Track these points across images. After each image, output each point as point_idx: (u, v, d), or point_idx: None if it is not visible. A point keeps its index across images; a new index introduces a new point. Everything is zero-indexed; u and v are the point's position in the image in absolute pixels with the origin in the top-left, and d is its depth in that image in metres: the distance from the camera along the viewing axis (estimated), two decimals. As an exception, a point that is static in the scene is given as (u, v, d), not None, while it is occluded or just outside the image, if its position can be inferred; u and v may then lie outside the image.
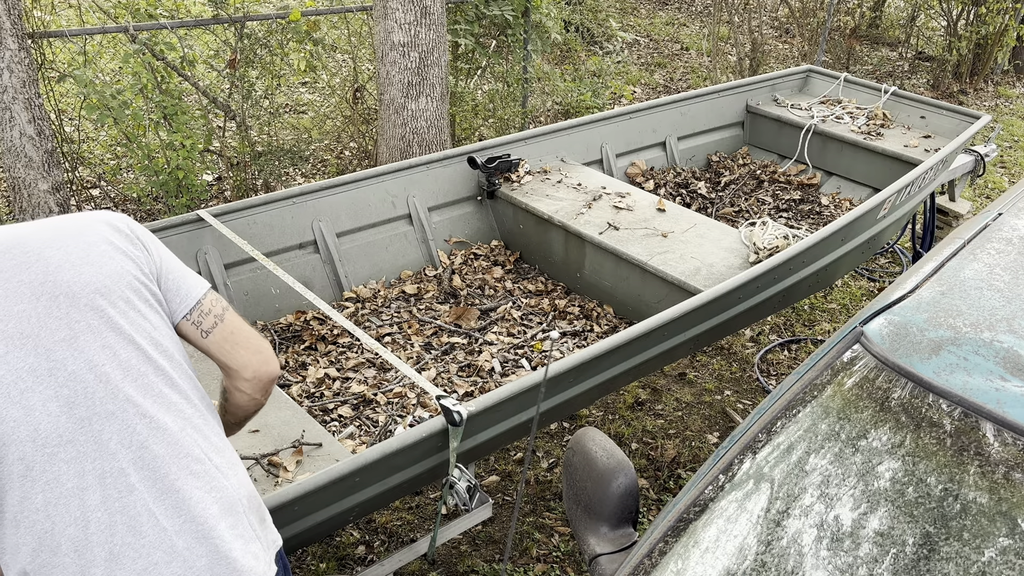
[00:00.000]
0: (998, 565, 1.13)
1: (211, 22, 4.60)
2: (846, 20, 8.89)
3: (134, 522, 1.31)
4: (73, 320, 1.29)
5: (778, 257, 3.01)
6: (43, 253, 1.31)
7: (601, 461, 1.61)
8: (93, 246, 1.35)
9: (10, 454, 1.25)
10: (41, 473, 1.26)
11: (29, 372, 1.26)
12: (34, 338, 1.27)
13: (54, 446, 1.27)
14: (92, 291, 1.32)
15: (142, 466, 1.32)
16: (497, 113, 6.11)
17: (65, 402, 1.27)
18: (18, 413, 1.25)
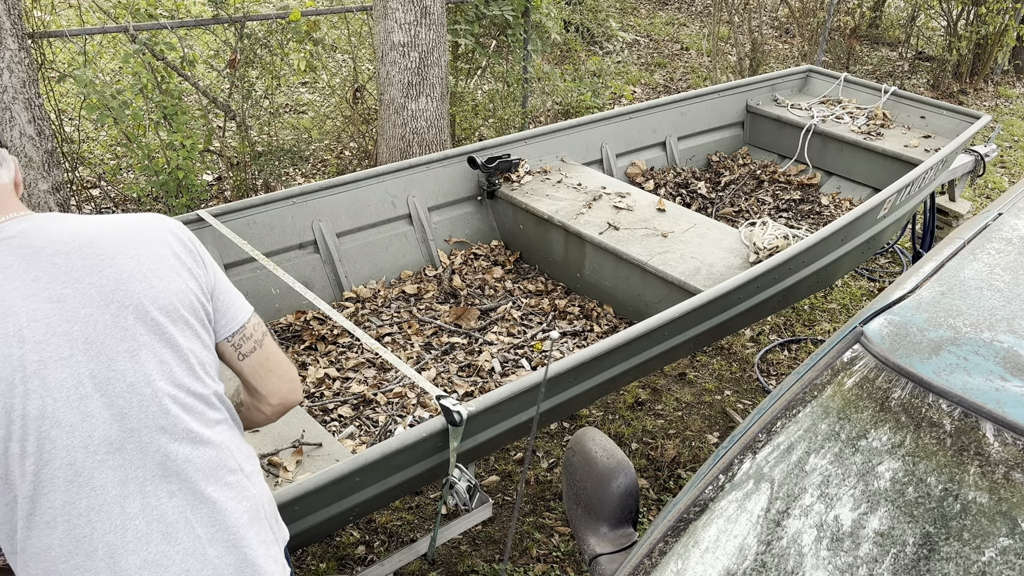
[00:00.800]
0: (998, 565, 1.13)
1: (211, 22, 4.60)
2: (846, 20, 8.90)
3: (170, 530, 1.33)
4: (138, 333, 1.31)
5: (778, 257, 3.01)
6: (116, 259, 1.33)
7: (601, 461, 1.61)
8: (164, 259, 1.38)
9: (58, 458, 1.25)
10: (88, 479, 1.28)
11: (90, 378, 1.27)
12: (99, 345, 1.28)
13: (104, 453, 1.28)
14: (159, 307, 1.34)
15: (183, 477, 1.34)
16: (497, 113, 6.11)
17: (119, 412, 1.29)
18: (75, 418, 1.26)
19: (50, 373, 1.24)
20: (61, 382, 1.25)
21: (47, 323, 1.25)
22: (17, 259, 1.26)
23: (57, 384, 1.25)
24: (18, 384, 1.22)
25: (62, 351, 1.25)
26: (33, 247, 1.28)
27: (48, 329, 1.25)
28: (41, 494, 1.25)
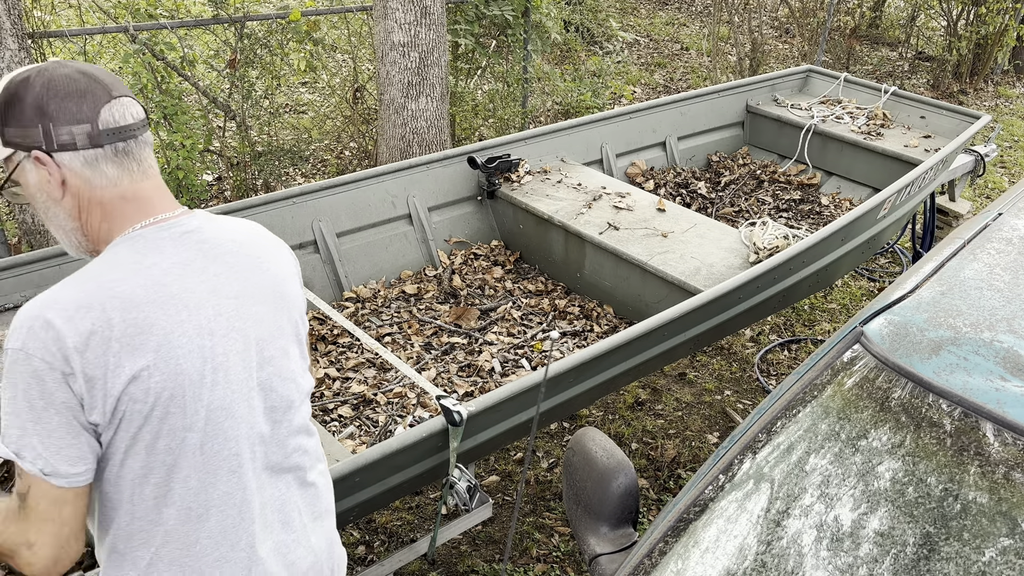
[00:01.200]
0: (998, 565, 1.13)
1: (211, 22, 4.60)
2: (846, 20, 8.89)
3: (287, 518, 1.41)
4: (287, 333, 1.41)
5: (778, 257, 3.00)
6: (271, 261, 1.41)
7: (601, 461, 1.61)
8: (295, 270, 1.49)
9: (227, 449, 1.30)
10: (244, 471, 1.33)
11: (256, 372, 1.34)
12: (263, 342, 1.35)
13: (257, 445, 1.35)
14: (299, 312, 1.45)
15: (299, 467, 1.44)
16: (497, 113, 6.10)
17: (271, 406, 1.37)
18: (244, 411, 1.32)
19: (231, 367, 1.29)
20: (238, 376, 1.30)
21: (228, 318, 1.30)
22: (198, 255, 1.30)
23: (236, 378, 1.30)
24: (207, 375, 1.26)
25: (239, 346, 1.31)
26: (209, 243, 1.33)
27: (229, 324, 1.30)
28: (203, 486, 1.29)
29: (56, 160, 1.23)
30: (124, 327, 1.18)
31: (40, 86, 1.21)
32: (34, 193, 1.26)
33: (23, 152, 1.23)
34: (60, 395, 1.15)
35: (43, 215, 1.29)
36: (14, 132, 1.22)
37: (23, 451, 1.15)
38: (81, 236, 1.30)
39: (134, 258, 1.24)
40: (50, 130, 1.21)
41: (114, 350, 1.17)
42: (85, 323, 1.16)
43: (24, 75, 1.23)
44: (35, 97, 1.21)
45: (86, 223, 1.28)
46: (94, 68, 1.28)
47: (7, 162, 1.25)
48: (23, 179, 1.26)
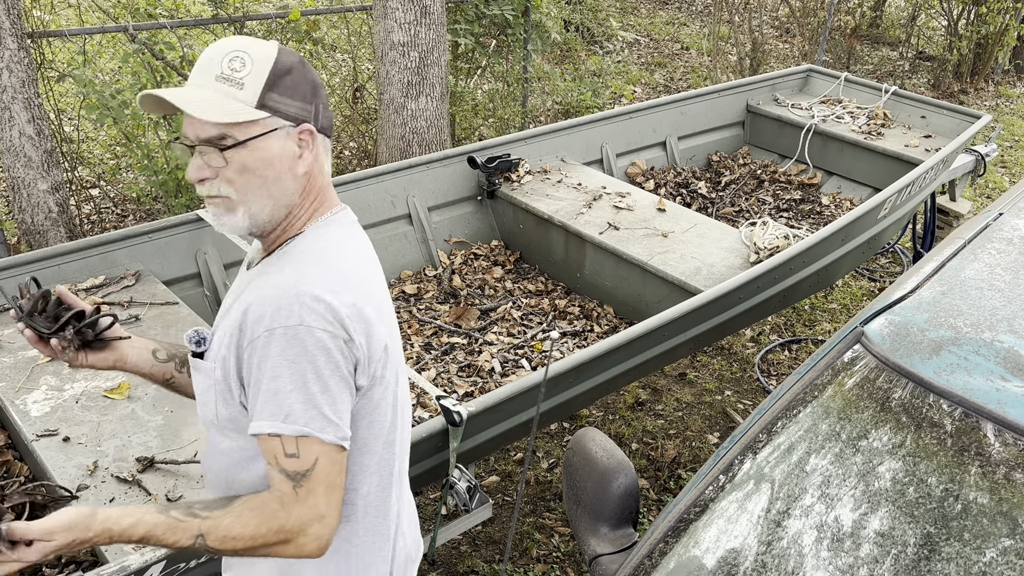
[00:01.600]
0: (999, 566, 1.13)
1: (211, 22, 4.59)
2: (847, 20, 8.89)
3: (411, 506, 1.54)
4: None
5: (778, 257, 3.00)
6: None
7: (601, 461, 1.61)
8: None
9: (405, 431, 1.43)
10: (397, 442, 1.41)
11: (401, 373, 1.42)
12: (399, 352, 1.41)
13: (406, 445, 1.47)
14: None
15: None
16: (497, 113, 6.10)
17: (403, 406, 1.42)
18: (405, 399, 1.41)
19: (400, 357, 1.38)
20: (402, 365, 1.41)
21: (390, 310, 1.37)
22: (369, 246, 1.38)
23: (402, 368, 1.40)
24: (393, 347, 1.33)
25: (399, 343, 1.39)
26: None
27: (392, 316, 1.37)
28: (389, 456, 1.37)
29: (317, 138, 1.26)
30: (368, 299, 1.25)
31: (305, 66, 1.25)
32: (268, 162, 1.22)
33: (285, 121, 1.22)
34: (343, 361, 1.20)
35: (257, 186, 1.23)
36: (283, 101, 1.21)
37: (312, 423, 1.17)
38: (284, 214, 1.28)
39: (344, 241, 1.31)
40: (319, 110, 1.26)
41: (370, 319, 1.24)
42: (347, 296, 1.21)
43: (291, 52, 1.24)
44: (311, 77, 1.25)
45: (301, 204, 1.29)
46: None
47: (250, 125, 1.20)
48: (260, 146, 1.21)
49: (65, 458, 2.07)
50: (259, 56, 1.21)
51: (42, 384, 2.32)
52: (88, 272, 2.80)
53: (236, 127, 1.19)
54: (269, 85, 1.20)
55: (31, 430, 2.15)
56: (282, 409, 1.16)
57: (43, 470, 2.06)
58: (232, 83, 1.19)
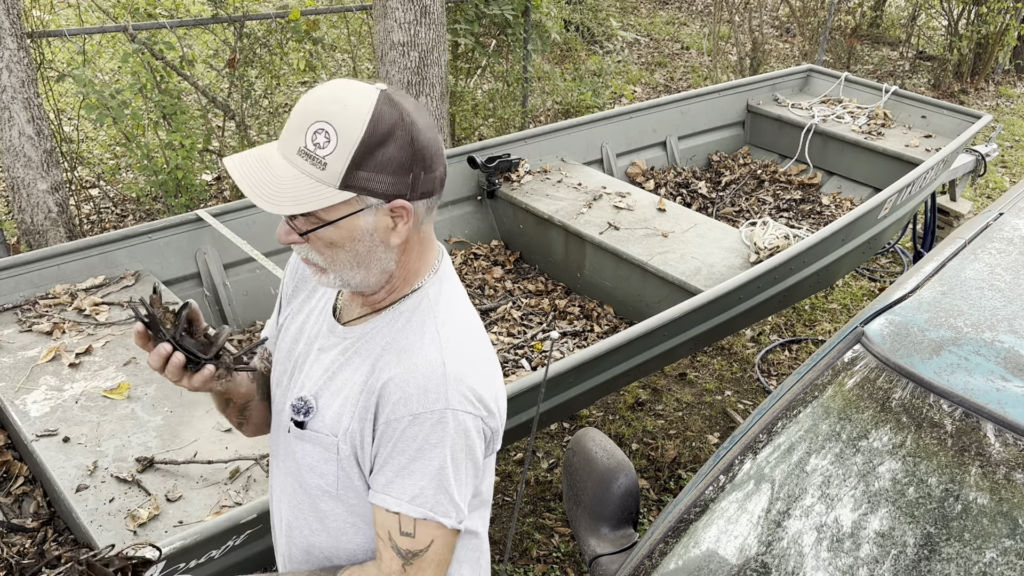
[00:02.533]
0: (999, 566, 1.13)
1: (210, 21, 4.59)
2: (847, 19, 8.89)
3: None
4: None
5: (779, 257, 3.00)
6: None
7: (601, 461, 1.61)
8: None
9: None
10: None
11: None
12: None
13: None
14: None
15: None
16: (497, 113, 6.10)
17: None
18: None
19: None
20: None
21: None
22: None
23: None
24: None
25: None
26: None
27: None
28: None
29: (412, 208, 1.13)
30: (498, 367, 1.27)
31: (409, 126, 1.08)
32: (357, 238, 1.12)
33: (375, 199, 1.09)
34: (479, 443, 1.19)
35: (350, 259, 1.15)
36: (373, 179, 1.08)
37: (438, 507, 1.16)
38: (386, 279, 1.20)
39: (460, 296, 1.27)
40: (420, 178, 1.11)
41: (503, 391, 1.25)
42: (493, 376, 1.22)
43: (381, 112, 1.07)
44: (410, 142, 1.08)
45: (404, 264, 1.20)
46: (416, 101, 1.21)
47: (335, 208, 1.09)
48: (350, 224, 1.11)
49: (65, 458, 2.07)
50: (347, 128, 1.06)
51: (42, 384, 2.31)
52: (88, 272, 2.80)
53: (324, 211, 1.10)
54: (356, 164, 1.07)
55: (31, 430, 2.15)
56: (410, 490, 1.15)
57: (43, 470, 2.06)
58: (314, 161, 1.07)
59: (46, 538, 1.99)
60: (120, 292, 2.75)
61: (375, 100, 1.08)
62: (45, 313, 2.60)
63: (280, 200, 1.08)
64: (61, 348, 2.44)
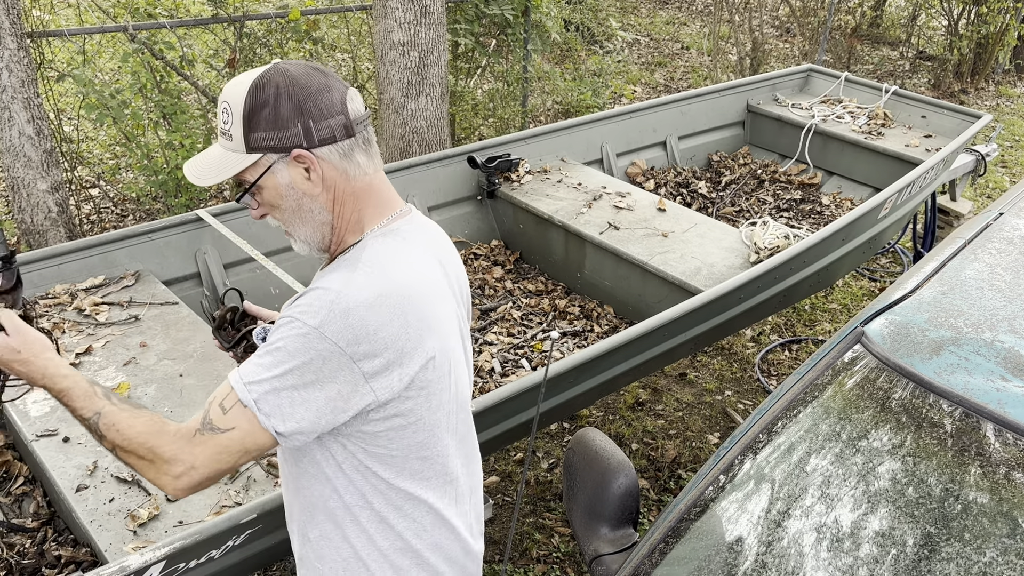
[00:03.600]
0: (999, 565, 1.13)
1: (210, 21, 4.59)
2: (847, 19, 8.89)
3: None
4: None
5: (779, 257, 3.00)
6: (460, 266, 1.57)
7: (601, 462, 1.61)
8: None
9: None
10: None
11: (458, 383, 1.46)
12: (456, 360, 1.43)
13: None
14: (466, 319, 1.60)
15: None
16: (497, 112, 6.10)
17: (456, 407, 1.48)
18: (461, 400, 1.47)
19: (457, 363, 1.40)
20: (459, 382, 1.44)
21: (447, 320, 1.37)
22: (435, 251, 1.40)
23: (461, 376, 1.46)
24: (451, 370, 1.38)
25: (460, 346, 1.42)
26: (437, 242, 1.44)
27: (450, 325, 1.38)
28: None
29: (316, 155, 1.25)
30: (408, 314, 1.24)
31: (286, 86, 1.23)
32: (283, 194, 1.27)
33: (276, 154, 1.24)
34: (344, 381, 1.20)
35: (290, 215, 1.30)
36: (265, 136, 1.23)
37: (264, 405, 1.18)
38: (328, 231, 1.32)
39: (400, 252, 1.30)
40: (310, 127, 1.24)
41: (411, 336, 1.24)
42: (383, 313, 1.21)
43: (260, 80, 1.24)
44: (288, 97, 1.23)
45: (338, 215, 1.31)
46: (314, 63, 1.30)
47: (252, 168, 1.26)
48: (270, 182, 1.27)
49: (65, 458, 2.07)
50: (236, 101, 1.24)
51: (42, 384, 2.31)
52: (88, 272, 2.80)
53: (244, 174, 1.26)
54: (249, 127, 1.23)
55: (31, 430, 2.15)
56: (255, 376, 1.19)
57: (43, 470, 2.06)
58: (225, 136, 1.26)
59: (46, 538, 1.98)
60: (120, 292, 2.75)
61: (262, 71, 1.25)
62: (45, 313, 2.60)
63: (207, 174, 1.28)
64: (61, 348, 2.44)
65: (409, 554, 1.37)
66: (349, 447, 1.28)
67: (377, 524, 1.34)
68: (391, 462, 1.30)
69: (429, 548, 1.38)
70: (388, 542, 1.35)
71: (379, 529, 1.34)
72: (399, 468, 1.31)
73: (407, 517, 1.35)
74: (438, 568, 1.40)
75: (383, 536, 1.35)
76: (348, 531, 1.34)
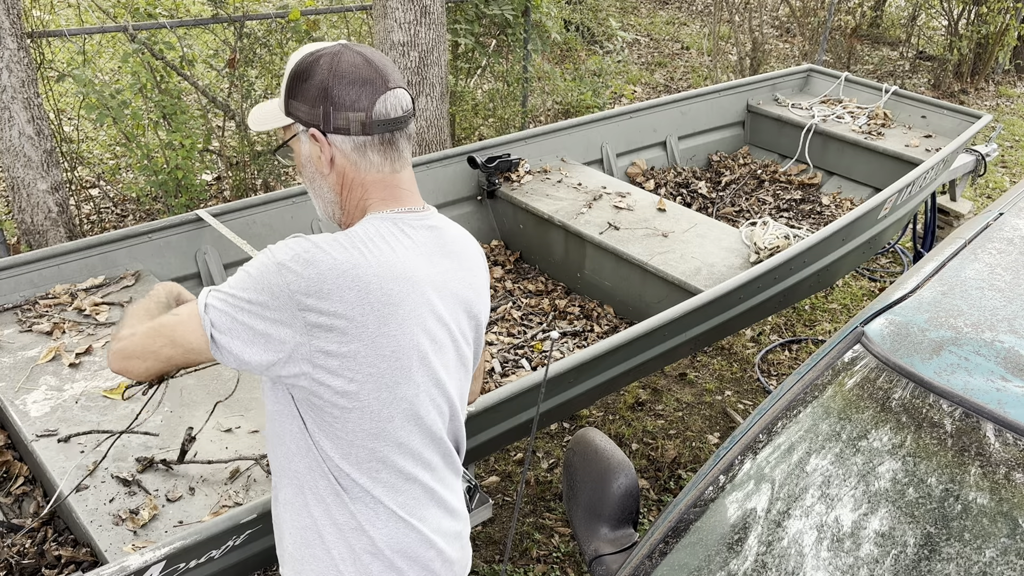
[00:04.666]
0: (999, 565, 1.13)
1: (210, 21, 4.59)
2: (847, 19, 8.89)
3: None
4: (458, 352, 1.54)
5: (779, 257, 3.00)
6: (481, 277, 1.56)
7: (601, 462, 1.61)
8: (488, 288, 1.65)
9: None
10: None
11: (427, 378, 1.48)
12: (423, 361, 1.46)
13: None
14: (478, 334, 1.59)
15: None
16: (497, 113, 6.10)
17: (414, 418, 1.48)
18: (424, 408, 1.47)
19: (425, 365, 1.41)
20: (420, 374, 1.44)
21: (414, 312, 1.37)
22: (437, 248, 1.43)
23: (419, 376, 1.45)
24: (415, 363, 1.39)
25: (432, 346, 1.43)
26: (447, 242, 1.45)
27: (416, 320, 1.37)
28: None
29: (329, 140, 1.32)
30: (380, 301, 1.26)
31: (327, 69, 1.30)
32: (304, 163, 1.37)
33: (301, 126, 1.34)
34: (282, 316, 1.23)
35: (308, 182, 1.41)
36: (298, 106, 1.32)
37: (211, 296, 1.25)
38: (338, 208, 1.40)
39: (390, 237, 1.33)
40: (330, 113, 1.30)
41: (367, 314, 1.25)
42: (346, 280, 1.24)
43: (316, 55, 1.31)
44: (321, 79, 1.30)
45: (346, 199, 1.38)
46: (378, 56, 1.34)
47: (286, 129, 1.37)
48: (297, 148, 1.37)
49: (65, 458, 2.07)
50: (291, 64, 1.34)
51: (42, 384, 2.31)
52: (88, 272, 2.80)
53: (281, 132, 1.39)
54: (289, 92, 1.34)
55: (31, 430, 2.15)
56: (218, 288, 1.27)
57: (43, 470, 2.06)
58: (277, 94, 1.41)
59: (46, 538, 1.98)
60: (120, 292, 2.75)
61: (322, 47, 1.33)
62: (45, 313, 2.60)
63: (258, 122, 1.41)
64: (61, 348, 2.44)
65: (364, 539, 1.36)
66: (303, 415, 1.32)
67: (334, 498, 1.35)
68: (338, 443, 1.32)
69: (386, 541, 1.37)
70: (344, 519, 1.35)
71: (336, 503, 1.35)
72: (345, 452, 1.32)
73: (359, 502, 1.35)
74: (395, 563, 1.39)
75: (340, 512, 1.35)
76: (308, 498, 1.36)
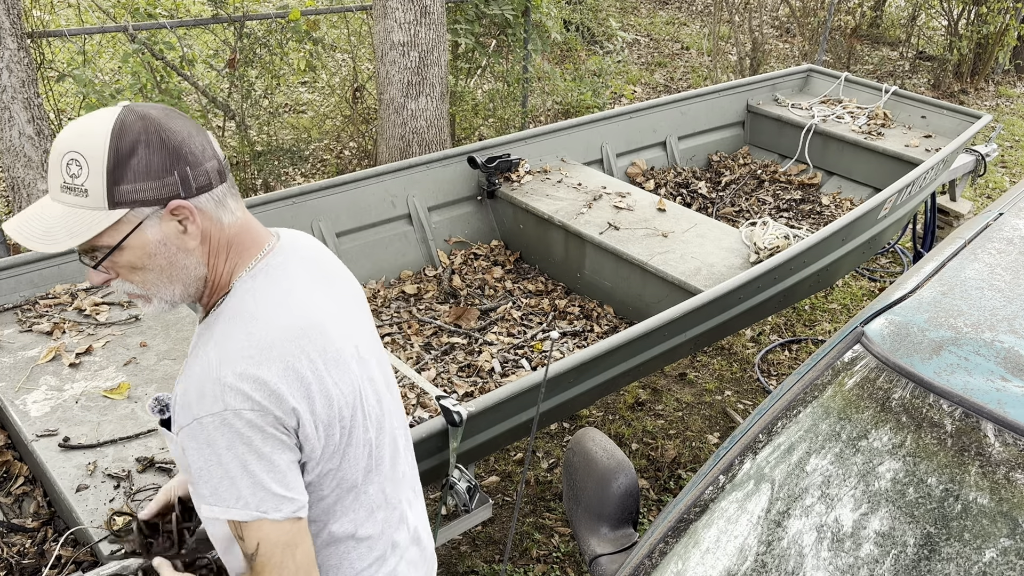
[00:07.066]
0: (999, 565, 1.13)
1: (210, 21, 4.59)
2: (847, 19, 8.89)
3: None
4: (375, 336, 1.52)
5: (779, 257, 3.00)
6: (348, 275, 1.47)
7: (601, 461, 1.61)
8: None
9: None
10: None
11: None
12: (374, 348, 1.44)
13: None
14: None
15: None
16: (497, 113, 6.10)
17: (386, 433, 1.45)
18: (389, 423, 1.42)
19: (379, 383, 1.39)
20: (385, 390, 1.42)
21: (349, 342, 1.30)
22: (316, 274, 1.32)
23: (385, 396, 1.43)
24: (368, 390, 1.34)
25: (373, 358, 1.39)
26: (315, 262, 1.33)
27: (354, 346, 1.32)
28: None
29: (195, 205, 1.13)
30: (307, 356, 1.17)
31: (155, 130, 1.10)
32: (152, 252, 1.14)
33: (147, 208, 1.11)
34: (280, 434, 1.15)
35: (155, 276, 1.17)
36: (137, 188, 1.09)
37: (264, 503, 1.14)
38: (203, 284, 1.21)
39: (273, 293, 1.21)
40: (187, 174, 1.11)
41: (308, 378, 1.16)
42: (274, 367, 1.14)
43: (121, 125, 1.09)
44: (167, 141, 1.10)
45: (214, 267, 1.20)
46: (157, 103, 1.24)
47: (116, 227, 1.11)
48: (136, 241, 1.12)
49: (64, 458, 2.07)
50: (90, 150, 1.08)
51: (42, 384, 2.31)
52: (88, 272, 2.80)
53: (100, 236, 1.11)
54: (113, 180, 1.08)
55: (31, 430, 2.15)
56: (232, 494, 1.13)
57: (43, 470, 2.06)
58: (76, 192, 1.09)
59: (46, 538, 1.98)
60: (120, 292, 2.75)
61: (115, 115, 1.10)
62: (45, 313, 2.60)
63: (56, 239, 1.09)
64: (61, 348, 2.44)
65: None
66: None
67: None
68: (321, 506, 1.27)
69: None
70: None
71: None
72: (329, 511, 1.28)
73: (339, 554, 1.33)
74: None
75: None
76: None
